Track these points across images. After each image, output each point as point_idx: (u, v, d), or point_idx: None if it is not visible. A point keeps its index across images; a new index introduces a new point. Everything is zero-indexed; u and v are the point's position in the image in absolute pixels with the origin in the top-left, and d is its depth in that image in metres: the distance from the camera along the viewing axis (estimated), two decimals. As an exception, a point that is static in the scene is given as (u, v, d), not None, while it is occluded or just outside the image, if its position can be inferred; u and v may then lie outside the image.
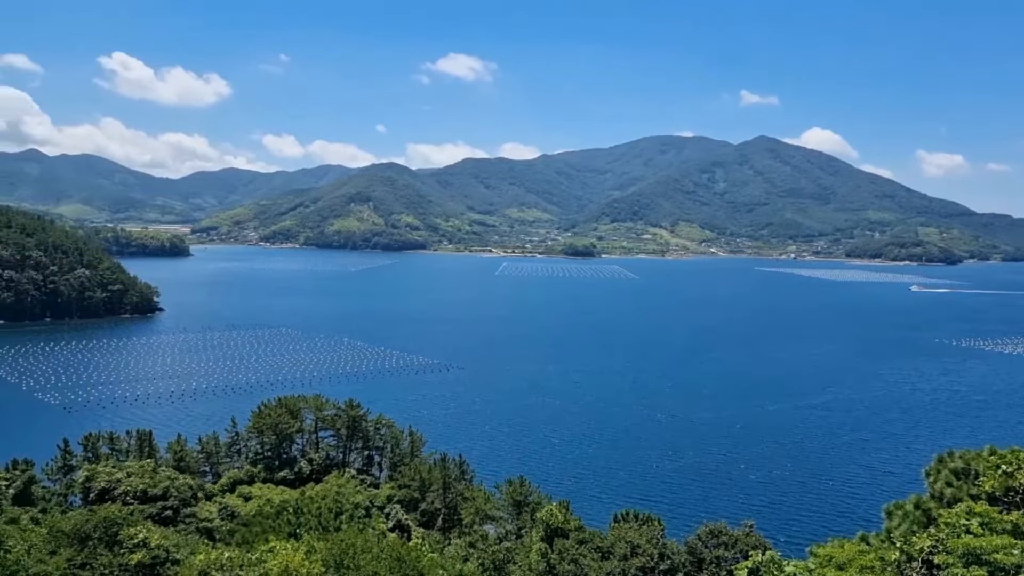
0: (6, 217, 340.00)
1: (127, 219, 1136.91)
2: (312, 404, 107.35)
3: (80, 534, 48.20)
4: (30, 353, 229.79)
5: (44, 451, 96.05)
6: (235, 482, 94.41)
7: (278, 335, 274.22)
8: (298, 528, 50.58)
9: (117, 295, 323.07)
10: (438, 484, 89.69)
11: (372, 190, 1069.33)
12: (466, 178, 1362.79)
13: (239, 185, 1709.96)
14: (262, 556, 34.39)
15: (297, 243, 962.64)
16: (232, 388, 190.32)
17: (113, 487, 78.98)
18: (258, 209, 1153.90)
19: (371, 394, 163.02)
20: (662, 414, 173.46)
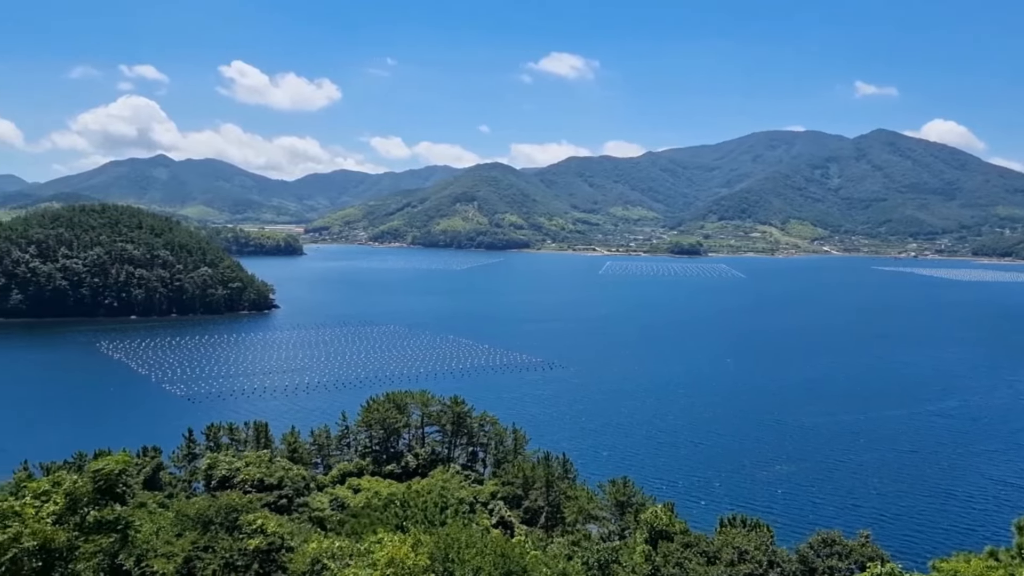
0: (137, 219, 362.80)
1: (245, 220, 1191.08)
2: (418, 400, 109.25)
3: (203, 519, 50.67)
4: (158, 347, 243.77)
5: (170, 439, 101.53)
6: (345, 474, 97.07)
7: (386, 332, 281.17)
8: (405, 521, 51.59)
9: (236, 292, 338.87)
10: (541, 482, 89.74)
11: (477, 190, 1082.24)
12: (570, 177, 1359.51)
13: (349, 186, 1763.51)
14: (370, 547, 35.21)
15: (404, 242, 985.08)
16: (342, 383, 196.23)
17: (233, 475, 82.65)
18: (367, 209, 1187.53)
19: (475, 391, 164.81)
20: (770, 417, 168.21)
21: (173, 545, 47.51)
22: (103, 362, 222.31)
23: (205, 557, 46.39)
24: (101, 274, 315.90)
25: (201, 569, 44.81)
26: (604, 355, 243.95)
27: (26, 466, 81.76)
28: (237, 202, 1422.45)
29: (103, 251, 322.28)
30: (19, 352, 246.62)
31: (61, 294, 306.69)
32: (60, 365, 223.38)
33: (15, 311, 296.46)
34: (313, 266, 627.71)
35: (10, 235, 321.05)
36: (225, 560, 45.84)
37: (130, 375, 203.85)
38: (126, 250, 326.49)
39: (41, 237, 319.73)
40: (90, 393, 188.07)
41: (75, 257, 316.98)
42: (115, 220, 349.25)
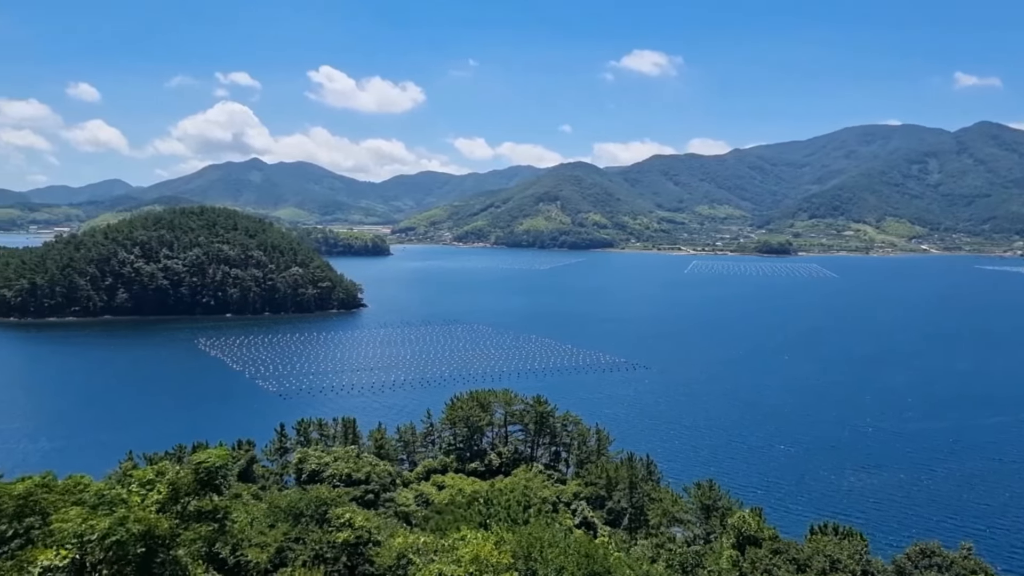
0: (233, 220, 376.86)
1: (334, 221, 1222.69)
2: (502, 399, 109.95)
3: (294, 511, 52.30)
4: (252, 344, 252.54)
5: (263, 433, 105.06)
6: (430, 471, 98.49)
7: (470, 331, 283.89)
8: (488, 519, 51.97)
9: (326, 291, 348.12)
10: (625, 483, 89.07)
11: (560, 189, 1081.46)
12: (654, 175, 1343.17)
13: (434, 187, 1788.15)
14: (454, 543, 35.65)
15: (488, 242, 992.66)
16: (427, 381, 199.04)
17: (322, 470, 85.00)
18: (452, 210, 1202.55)
19: (558, 391, 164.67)
20: (863, 422, 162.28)
21: (266, 535, 49.21)
22: (201, 358, 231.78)
23: (296, 548, 47.87)
24: (199, 274, 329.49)
25: (292, 560, 46.24)
26: (689, 356, 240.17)
27: (131, 456, 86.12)
28: (327, 204, 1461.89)
29: (201, 252, 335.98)
30: (125, 348, 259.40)
31: (163, 293, 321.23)
32: (162, 361, 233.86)
33: (121, 309, 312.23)
34: (399, 266, 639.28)
35: (117, 237, 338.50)
36: (315, 552, 47.18)
37: (225, 371, 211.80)
38: (222, 251, 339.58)
39: (145, 239, 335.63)
40: (189, 388, 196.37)
41: (175, 257, 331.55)
42: (212, 222, 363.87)
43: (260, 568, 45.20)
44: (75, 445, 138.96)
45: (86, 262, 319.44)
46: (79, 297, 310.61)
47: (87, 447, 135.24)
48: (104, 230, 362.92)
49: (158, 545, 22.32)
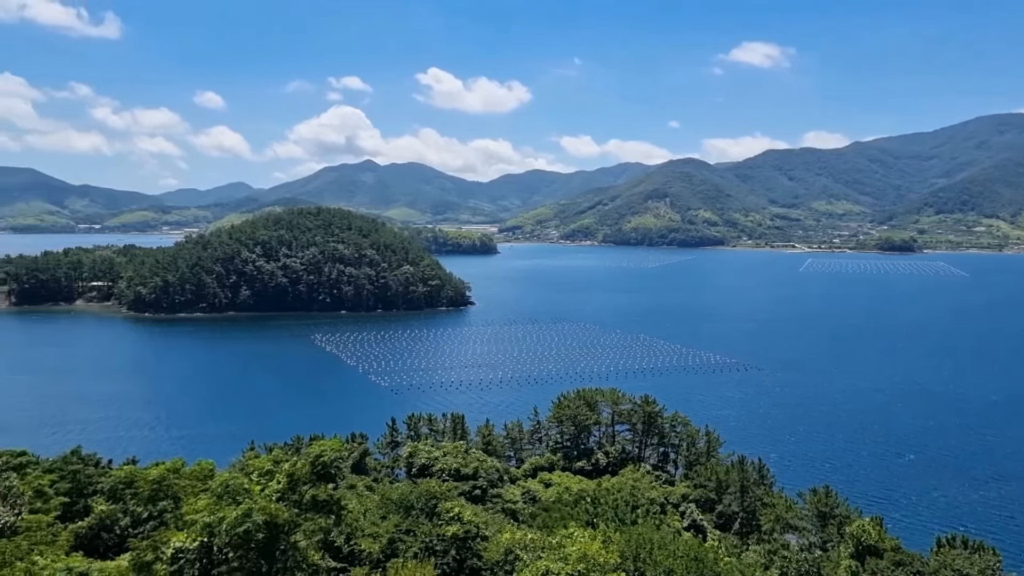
0: (347, 221, 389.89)
1: (444, 220, 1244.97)
2: (609, 397, 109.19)
3: (405, 504, 53.62)
4: (365, 340, 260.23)
5: (375, 427, 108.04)
6: (536, 468, 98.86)
7: (576, 329, 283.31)
8: (595, 518, 51.74)
9: (435, 289, 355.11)
10: (735, 487, 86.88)
11: (669, 186, 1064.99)
12: (767, 171, 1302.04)
13: (541, 186, 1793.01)
14: (561, 541, 35.66)
15: (595, 240, 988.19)
16: (533, 378, 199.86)
17: (431, 464, 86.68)
18: (558, 208, 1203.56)
19: (666, 391, 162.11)
20: (995, 431, 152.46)
21: (378, 527, 50.63)
22: (317, 353, 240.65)
23: (407, 540, 49.01)
24: (316, 272, 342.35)
25: (403, 551, 47.33)
26: (804, 358, 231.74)
27: (252, 446, 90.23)
28: (437, 203, 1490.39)
29: (318, 251, 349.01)
30: (247, 343, 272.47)
31: (282, 290, 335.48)
32: (280, 356, 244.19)
33: (244, 305, 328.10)
34: (506, 264, 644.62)
35: (240, 237, 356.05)
36: (425, 544, 48.16)
37: (340, 366, 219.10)
38: (337, 250, 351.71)
39: (265, 238, 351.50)
40: (305, 382, 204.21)
41: (294, 256, 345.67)
42: (328, 222, 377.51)
43: (372, 558, 46.52)
44: (201, 434, 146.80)
45: (212, 261, 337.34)
46: (206, 294, 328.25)
47: (212, 436, 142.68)
48: (229, 230, 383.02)
49: (279, 532, 23.35)
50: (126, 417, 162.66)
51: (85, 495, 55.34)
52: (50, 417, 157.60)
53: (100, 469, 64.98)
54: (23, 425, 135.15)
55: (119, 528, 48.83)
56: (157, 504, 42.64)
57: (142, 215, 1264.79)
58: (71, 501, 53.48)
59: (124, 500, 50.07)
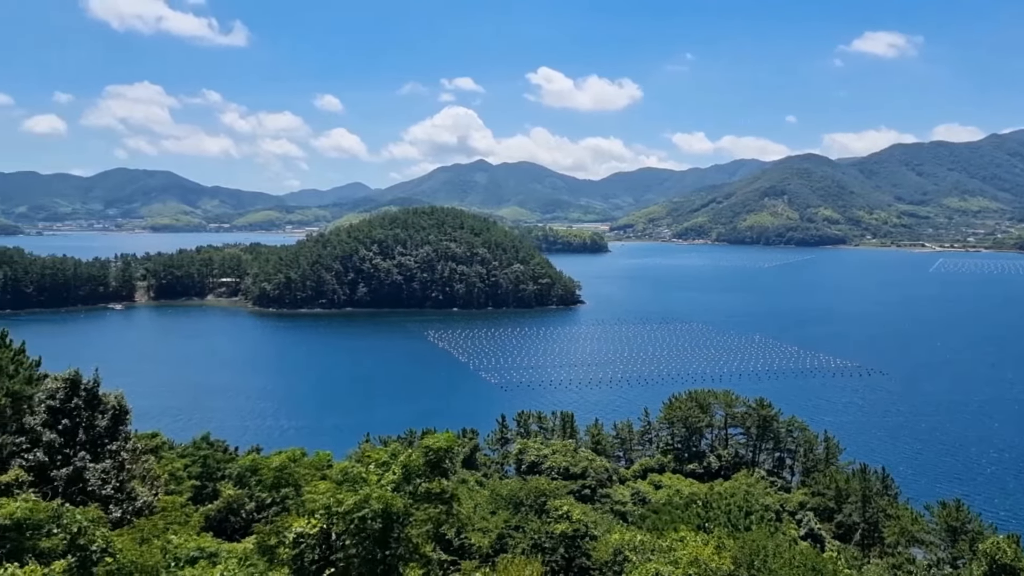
0: (460, 220, 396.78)
1: (554, 219, 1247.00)
2: (722, 399, 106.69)
3: (515, 500, 54.08)
4: (476, 337, 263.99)
5: (485, 423, 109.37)
6: (646, 469, 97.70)
7: (688, 329, 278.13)
8: (707, 522, 50.66)
9: (545, 288, 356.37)
10: (857, 496, 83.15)
11: (787, 183, 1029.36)
12: (893, 166, 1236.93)
13: (654, 184, 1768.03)
14: (672, 544, 35.09)
15: (709, 239, 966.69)
16: (644, 378, 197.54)
17: (540, 461, 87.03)
18: (671, 206, 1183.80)
19: (782, 394, 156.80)
20: None
21: (488, 521, 51.27)
22: (430, 349, 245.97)
23: (516, 536, 49.41)
24: (429, 270, 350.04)
25: (512, 547, 47.74)
26: (932, 363, 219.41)
27: (367, 438, 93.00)
28: (547, 202, 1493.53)
29: (431, 249, 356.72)
30: (363, 338, 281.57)
31: (396, 288, 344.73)
32: (395, 351, 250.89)
33: (361, 302, 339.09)
34: (617, 263, 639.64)
35: (358, 236, 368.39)
36: (534, 541, 48.41)
37: (452, 362, 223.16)
38: (450, 248, 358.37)
39: (382, 237, 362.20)
40: (418, 377, 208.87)
41: (408, 255, 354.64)
42: (441, 221, 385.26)
43: (482, 552, 47.15)
44: (318, 425, 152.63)
45: (332, 259, 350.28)
46: (326, 290, 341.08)
47: (328, 427, 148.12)
48: (347, 229, 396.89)
49: (393, 522, 24.01)
50: (249, 407, 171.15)
51: (214, 479, 58.44)
52: (182, 404, 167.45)
53: (227, 455, 68.50)
54: (158, 411, 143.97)
55: (245, 512, 51.39)
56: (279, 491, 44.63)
57: (267, 215, 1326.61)
58: (201, 485, 56.61)
59: (249, 486, 52.67)
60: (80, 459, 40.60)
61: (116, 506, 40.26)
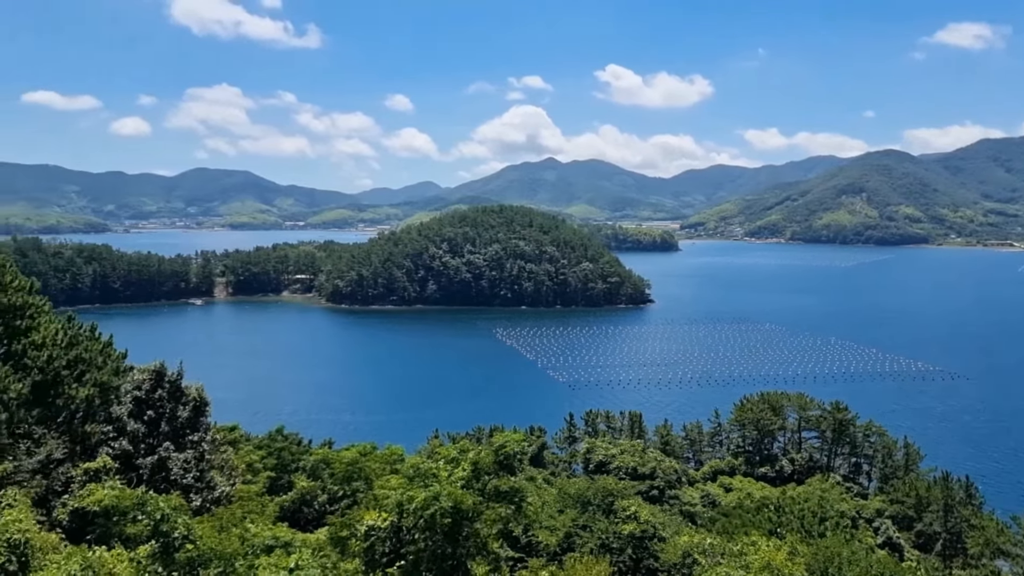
0: (528, 218, 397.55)
1: (623, 217, 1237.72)
2: (795, 402, 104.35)
3: (582, 499, 53.93)
4: (544, 335, 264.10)
5: (553, 421, 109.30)
6: (716, 471, 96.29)
7: (760, 330, 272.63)
8: (779, 527, 49.65)
9: (614, 286, 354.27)
10: (938, 505, 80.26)
11: (865, 180, 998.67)
12: (980, 162, 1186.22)
13: (726, 181, 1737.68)
14: (743, 548, 34.47)
15: (783, 238, 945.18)
16: (714, 379, 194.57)
17: (608, 461, 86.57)
18: (743, 204, 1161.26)
19: (859, 398, 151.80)
20: None
21: (555, 520, 51.28)
22: (498, 347, 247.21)
23: (583, 535, 49.29)
24: (497, 268, 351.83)
25: (580, 546, 47.65)
26: (1019, 368, 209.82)
27: (436, 434, 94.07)
28: (617, 200, 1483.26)
29: (500, 247, 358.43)
30: (432, 335, 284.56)
31: (465, 285, 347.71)
32: (463, 348, 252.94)
33: (431, 299, 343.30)
34: (688, 262, 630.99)
35: (428, 234, 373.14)
36: (601, 541, 48.22)
37: (519, 360, 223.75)
38: (518, 246, 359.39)
39: (451, 235, 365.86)
40: (486, 374, 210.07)
41: (477, 253, 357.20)
42: (510, 219, 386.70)
43: (549, 550, 47.19)
44: (387, 420, 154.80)
45: (402, 256, 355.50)
46: (396, 287, 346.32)
47: (398, 422, 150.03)
48: (417, 227, 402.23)
49: (463, 518, 24.26)
50: (321, 400, 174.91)
51: (288, 471, 59.95)
52: (258, 397, 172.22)
53: (301, 448, 70.21)
54: (235, 403, 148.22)
55: (317, 504, 52.61)
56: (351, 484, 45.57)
57: (340, 213, 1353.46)
58: (276, 476, 58.14)
59: (322, 478, 53.89)
60: (163, 448, 42.24)
61: (196, 495, 41.74)
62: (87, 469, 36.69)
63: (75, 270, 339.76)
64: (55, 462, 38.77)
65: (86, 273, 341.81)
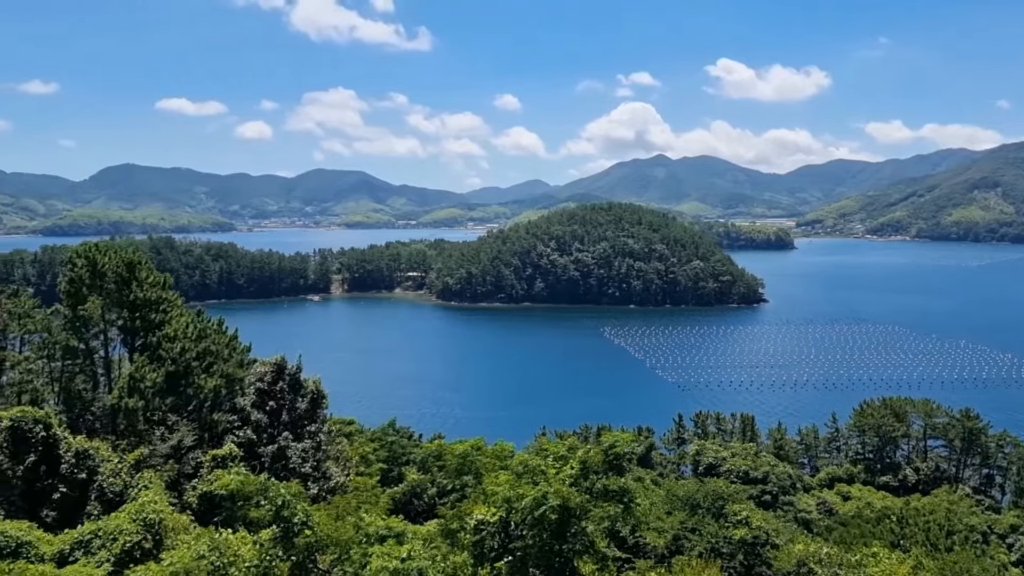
0: (638, 215, 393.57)
1: (736, 214, 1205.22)
2: (920, 409, 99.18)
3: (691, 502, 52.96)
4: (652, 335, 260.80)
5: (660, 422, 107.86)
6: (833, 478, 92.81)
7: (883, 332, 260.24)
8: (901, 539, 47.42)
9: (726, 285, 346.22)
10: (1081, 523, 74.63)
11: (1000, 174, 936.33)
12: None
13: (846, 177, 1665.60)
14: (863, 560, 33.07)
15: (907, 235, 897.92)
16: (831, 382, 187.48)
17: (719, 464, 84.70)
18: (865, 201, 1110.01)
19: (992, 405, 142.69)
20: None
21: (663, 521, 50.54)
22: (605, 346, 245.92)
23: (692, 538, 48.40)
24: (606, 266, 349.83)
25: (689, 549, 46.84)
26: None
27: (543, 432, 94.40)
28: (729, 197, 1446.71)
29: (608, 245, 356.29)
30: (539, 333, 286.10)
31: (573, 284, 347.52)
32: (570, 347, 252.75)
33: (538, 297, 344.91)
34: (804, 261, 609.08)
35: (536, 232, 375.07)
36: (711, 545, 47.24)
37: (627, 359, 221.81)
38: (627, 244, 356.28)
39: (559, 233, 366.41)
40: (593, 372, 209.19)
41: (585, 251, 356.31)
42: (619, 217, 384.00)
43: (657, 552, 46.59)
44: (495, 416, 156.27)
45: (511, 254, 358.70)
46: (504, 285, 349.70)
47: (505, 419, 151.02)
48: (525, 226, 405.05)
49: (570, 516, 24.29)
50: (431, 395, 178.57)
51: (399, 464, 61.62)
52: (371, 391, 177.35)
53: (412, 441, 72.05)
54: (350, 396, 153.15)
55: (427, 497, 53.84)
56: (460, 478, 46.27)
57: (450, 212, 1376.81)
58: (388, 468, 59.86)
59: (432, 471, 55.06)
60: (283, 438, 44.20)
61: (313, 483, 43.46)
62: (214, 455, 38.82)
63: (203, 267, 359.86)
64: (186, 448, 41.19)
65: (213, 270, 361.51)
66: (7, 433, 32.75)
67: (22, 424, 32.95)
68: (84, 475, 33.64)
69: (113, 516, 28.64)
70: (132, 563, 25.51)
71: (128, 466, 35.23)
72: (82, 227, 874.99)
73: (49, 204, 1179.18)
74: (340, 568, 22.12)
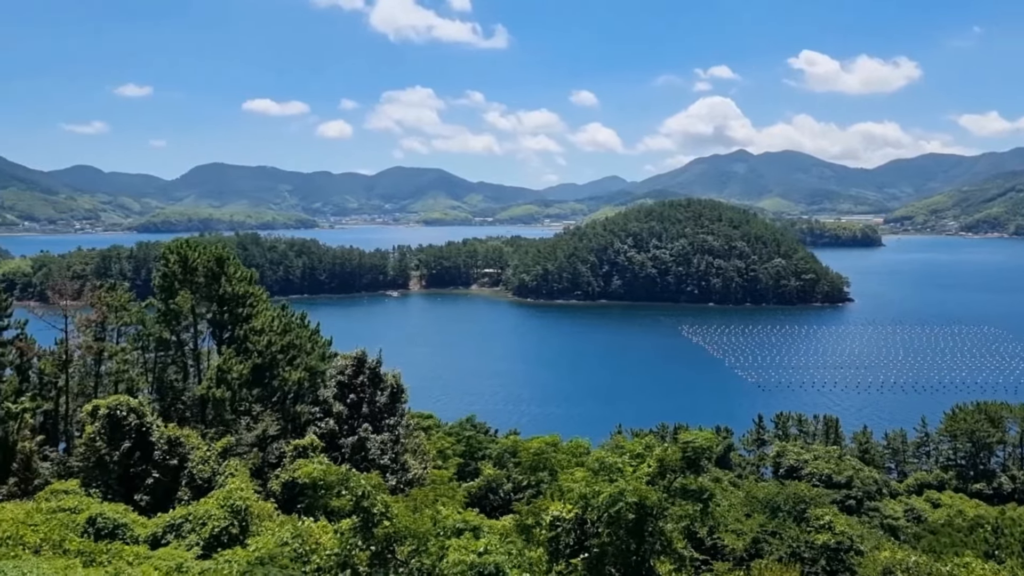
0: (717, 212, 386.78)
1: (820, 211, 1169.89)
2: (1018, 414, 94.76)
3: (772, 504, 51.82)
4: (732, 333, 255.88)
5: (740, 422, 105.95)
6: (922, 485, 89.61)
7: (976, 333, 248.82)
8: (996, 550, 45.34)
9: (809, 284, 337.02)
10: None
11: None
12: None
13: (938, 171, 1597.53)
14: (954, 570, 31.79)
15: (1005, 232, 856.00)
16: (920, 385, 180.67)
17: (800, 467, 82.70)
18: (959, 196, 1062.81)
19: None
20: None
21: (742, 524, 49.62)
22: (683, 344, 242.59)
23: (772, 542, 47.34)
24: (684, 263, 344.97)
25: (768, 553, 45.84)
26: None
27: (619, 429, 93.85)
28: (813, 193, 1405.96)
29: (687, 242, 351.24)
30: (616, 331, 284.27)
31: (650, 281, 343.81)
32: (648, 344, 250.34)
33: (615, 294, 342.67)
34: (892, 258, 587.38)
35: (613, 228, 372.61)
36: (792, 549, 46.12)
37: (706, 358, 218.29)
38: (707, 241, 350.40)
39: (636, 230, 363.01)
40: (671, 371, 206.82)
41: (663, 248, 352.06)
42: (698, 214, 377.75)
43: (736, 555, 45.78)
44: (570, 413, 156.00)
45: (587, 251, 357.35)
46: (581, 282, 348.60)
47: (580, 416, 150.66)
48: (602, 222, 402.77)
49: (647, 515, 24.10)
50: (507, 391, 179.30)
51: (476, 458, 62.19)
52: (449, 386, 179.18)
53: (488, 437, 72.59)
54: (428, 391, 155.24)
55: (502, 492, 54.21)
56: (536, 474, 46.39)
57: (526, 209, 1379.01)
58: (464, 463, 60.49)
59: (507, 467, 55.43)
60: (363, 430, 45.18)
61: (392, 475, 44.29)
62: (296, 445, 39.98)
63: (287, 263, 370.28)
64: (270, 438, 42.57)
65: (296, 266, 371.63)
66: (104, 420, 34.47)
67: (118, 412, 34.62)
68: (175, 462, 35.16)
69: (203, 502, 29.85)
70: (220, 547, 26.54)
71: (216, 454, 36.63)
72: (174, 224, 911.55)
73: (144, 202, 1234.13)
74: (418, 560, 22.43)
